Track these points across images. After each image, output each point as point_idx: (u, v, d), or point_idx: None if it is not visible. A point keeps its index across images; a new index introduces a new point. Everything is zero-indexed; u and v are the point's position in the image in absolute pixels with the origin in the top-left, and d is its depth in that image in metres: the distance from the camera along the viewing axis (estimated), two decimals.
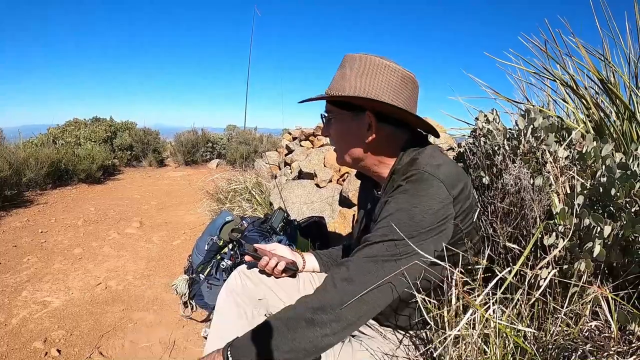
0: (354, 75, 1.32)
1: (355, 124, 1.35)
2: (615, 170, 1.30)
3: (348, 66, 1.34)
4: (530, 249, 1.25)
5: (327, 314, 1.11)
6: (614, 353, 1.04)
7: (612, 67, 2.21)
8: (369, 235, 1.20)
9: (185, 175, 9.53)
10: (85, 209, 5.90)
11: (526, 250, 1.24)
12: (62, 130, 10.87)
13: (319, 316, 1.12)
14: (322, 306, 1.13)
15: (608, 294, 1.15)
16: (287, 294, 1.69)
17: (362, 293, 1.11)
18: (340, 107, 1.37)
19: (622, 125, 1.97)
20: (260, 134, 12.37)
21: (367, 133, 1.35)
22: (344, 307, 1.11)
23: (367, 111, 1.32)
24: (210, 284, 2.70)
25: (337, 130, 1.41)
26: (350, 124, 1.36)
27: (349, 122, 1.36)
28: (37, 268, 3.64)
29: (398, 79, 1.31)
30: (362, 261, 1.16)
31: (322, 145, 4.87)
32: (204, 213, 5.29)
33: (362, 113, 1.33)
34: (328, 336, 1.12)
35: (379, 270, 1.13)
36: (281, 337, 1.13)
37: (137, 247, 4.29)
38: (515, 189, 1.42)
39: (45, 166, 6.86)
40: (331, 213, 3.49)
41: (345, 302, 1.11)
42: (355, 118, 1.35)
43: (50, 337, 2.52)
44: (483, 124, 1.85)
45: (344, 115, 1.37)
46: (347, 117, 1.36)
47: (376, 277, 1.12)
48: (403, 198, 1.18)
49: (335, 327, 1.12)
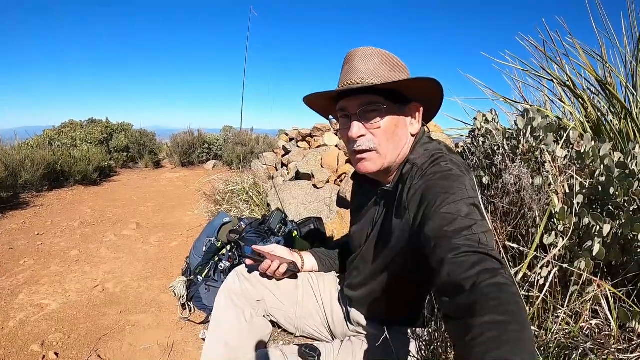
0: (387, 67, 1.28)
1: (403, 114, 1.30)
2: (613, 170, 1.31)
3: (375, 59, 1.27)
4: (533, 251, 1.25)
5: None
6: (615, 351, 1.05)
7: (609, 67, 2.22)
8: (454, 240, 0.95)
9: (182, 177, 9.50)
10: (82, 210, 5.87)
11: (531, 251, 1.24)
12: (58, 132, 10.83)
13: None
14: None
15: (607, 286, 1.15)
16: (285, 295, 1.69)
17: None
18: (386, 97, 1.25)
19: (619, 124, 1.98)
20: (257, 134, 12.33)
21: (414, 124, 1.33)
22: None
23: (414, 101, 1.30)
24: (209, 285, 2.70)
25: (390, 124, 1.27)
26: (401, 115, 1.29)
27: (399, 112, 1.29)
28: (33, 270, 3.62)
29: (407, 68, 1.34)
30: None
31: (320, 146, 4.85)
32: (202, 214, 5.28)
33: (407, 104, 1.30)
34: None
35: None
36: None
37: (134, 249, 4.27)
38: (515, 188, 1.43)
39: (41, 168, 6.81)
40: (329, 214, 3.49)
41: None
42: (401, 108, 1.29)
43: (47, 340, 2.51)
44: (482, 124, 1.85)
45: (391, 106, 1.26)
46: (396, 108, 1.28)
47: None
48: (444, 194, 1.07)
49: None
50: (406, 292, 1.37)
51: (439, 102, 1.36)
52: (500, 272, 0.82)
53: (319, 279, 1.75)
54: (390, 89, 1.24)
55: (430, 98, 1.33)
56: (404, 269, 1.31)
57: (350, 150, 1.32)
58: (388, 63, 1.28)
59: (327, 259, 1.81)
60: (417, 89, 1.28)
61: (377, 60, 1.27)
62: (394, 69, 1.28)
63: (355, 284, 1.52)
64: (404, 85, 1.25)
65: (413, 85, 1.26)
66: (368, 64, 1.26)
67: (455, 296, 0.82)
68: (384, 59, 1.28)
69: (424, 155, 1.27)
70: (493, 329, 0.71)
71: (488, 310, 0.74)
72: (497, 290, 0.78)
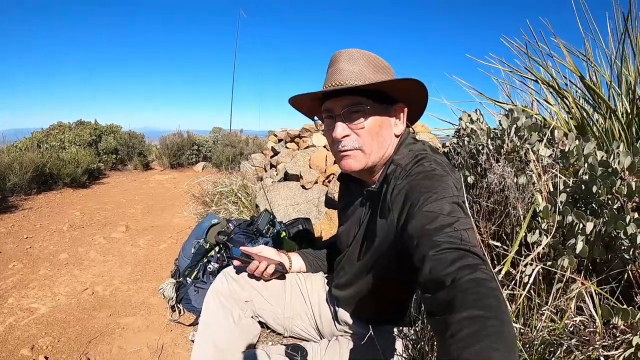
0: (372, 68, 1.29)
1: (388, 115, 1.31)
2: (596, 168, 1.32)
3: (360, 61, 1.29)
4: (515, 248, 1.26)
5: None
6: (599, 347, 1.06)
7: (594, 67, 2.24)
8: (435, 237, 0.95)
9: (171, 179, 9.45)
10: (71, 213, 5.82)
11: (513, 249, 1.25)
12: (46, 134, 10.73)
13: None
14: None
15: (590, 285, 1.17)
16: (273, 296, 1.69)
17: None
18: (370, 98, 1.26)
19: (604, 123, 2.00)
20: (246, 136, 12.30)
21: (398, 125, 1.34)
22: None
23: (400, 102, 1.32)
24: (198, 287, 2.69)
25: (374, 124, 1.28)
26: (385, 115, 1.30)
27: (383, 113, 1.30)
28: (22, 274, 3.58)
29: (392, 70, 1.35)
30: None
31: (308, 147, 4.85)
32: (190, 216, 5.25)
33: (393, 105, 1.31)
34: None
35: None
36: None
37: (123, 252, 4.24)
38: (499, 187, 1.44)
39: (29, 171, 6.75)
40: (317, 214, 3.49)
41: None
42: (386, 109, 1.30)
43: (37, 344, 2.48)
44: (467, 124, 1.87)
45: (376, 107, 1.27)
46: (381, 109, 1.29)
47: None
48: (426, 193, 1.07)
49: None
50: (392, 292, 1.38)
51: (424, 102, 1.38)
52: (481, 267, 0.82)
53: (307, 279, 1.75)
54: (374, 89, 1.25)
55: (417, 99, 1.35)
56: (389, 269, 1.32)
57: (335, 150, 1.33)
58: (373, 64, 1.29)
59: (314, 260, 1.81)
60: (402, 89, 1.29)
61: (361, 62, 1.28)
62: (379, 70, 1.29)
63: (342, 284, 1.52)
64: (388, 86, 1.26)
65: (398, 86, 1.27)
66: (353, 65, 1.27)
67: (436, 293, 0.83)
68: (368, 60, 1.29)
69: (408, 155, 1.28)
70: (472, 324, 0.70)
71: (467, 306, 0.74)
72: (476, 285, 0.78)
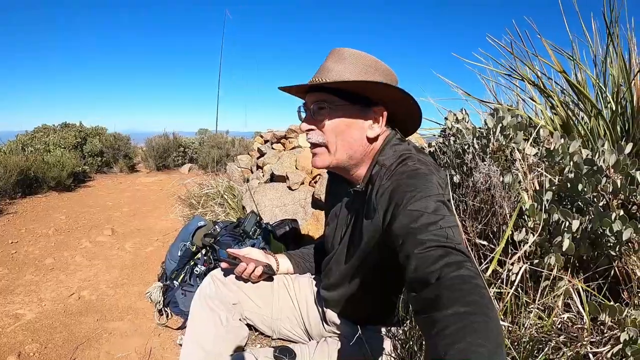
0: (356, 69, 1.27)
1: (362, 116, 1.29)
2: (582, 167, 1.33)
3: (347, 60, 1.28)
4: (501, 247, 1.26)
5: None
6: (587, 343, 1.06)
7: (580, 66, 2.26)
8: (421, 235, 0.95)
9: (157, 181, 9.39)
10: (56, 217, 5.75)
11: (499, 249, 1.25)
12: (30, 137, 10.58)
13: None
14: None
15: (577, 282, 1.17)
16: (261, 298, 1.69)
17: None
18: (342, 97, 1.27)
19: (590, 122, 2.02)
20: (232, 137, 12.26)
21: (374, 128, 1.31)
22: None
23: (380, 105, 1.29)
24: (185, 290, 2.67)
25: (340, 123, 1.28)
26: (356, 117, 1.29)
27: (355, 114, 1.29)
28: (7, 280, 3.53)
29: (391, 76, 1.33)
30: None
31: (294, 148, 4.84)
32: (177, 219, 5.22)
33: (370, 106, 1.29)
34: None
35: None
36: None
37: (109, 256, 4.20)
38: (485, 186, 1.44)
39: (14, 174, 6.65)
40: (304, 215, 3.48)
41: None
42: (362, 111, 1.29)
43: (24, 351, 2.45)
44: (452, 124, 1.87)
45: (346, 106, 1.27)
46: (352, 109, 1.28)
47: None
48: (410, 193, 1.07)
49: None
50: (380, 292, 1.38)
51: (416, 113, 1.36)
52: (466, 264, 0.82)
53: (295, 281, 1.75)
54: (349, 89, 1.26)
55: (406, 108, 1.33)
56: (377, 270, 1.32)
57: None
58: (362, 65, 1.28)
59: (302, 261, 1.81)
60: (383, 95, 1.28)
61: (348, 62, 1.27)
62: (368, 71, 1.28)
63: (330, 285, 1.52)
64: (358, 87, 1.26)
65: (377, 90, 1.26)
66: (337, 64, 1.27)
67: (421, 290, 0.83)
68: (357, 60, 1.28)
69: (393, 156, 1.27)
70: (457, 321, 0.70)
71: (452, 303, 0.74)
72: (461, 282, 0.78)
